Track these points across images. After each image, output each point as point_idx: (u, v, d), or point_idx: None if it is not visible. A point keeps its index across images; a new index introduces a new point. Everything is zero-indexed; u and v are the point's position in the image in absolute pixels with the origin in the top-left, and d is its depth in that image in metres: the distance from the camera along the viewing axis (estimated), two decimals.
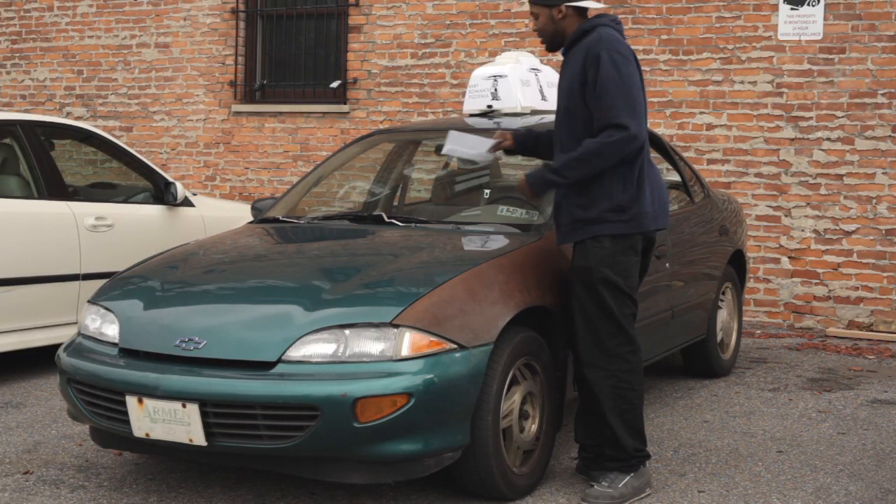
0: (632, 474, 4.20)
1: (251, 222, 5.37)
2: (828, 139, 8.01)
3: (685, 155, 6.24)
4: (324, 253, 4.89)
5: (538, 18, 4.32)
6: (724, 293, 6.42)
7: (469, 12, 9.18)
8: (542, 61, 6.13)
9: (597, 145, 4.08)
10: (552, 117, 5.63)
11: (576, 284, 4.20)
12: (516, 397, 4.10)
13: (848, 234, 7.96)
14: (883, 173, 7.86)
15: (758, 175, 8.22)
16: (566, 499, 4.18)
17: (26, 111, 10.67)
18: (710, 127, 8.34)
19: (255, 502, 4.11)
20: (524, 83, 5.62)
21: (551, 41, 4.34)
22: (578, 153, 4.11)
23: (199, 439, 3.76)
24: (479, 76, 5.70)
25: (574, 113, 4.20)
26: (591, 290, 4.15)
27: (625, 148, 4.06)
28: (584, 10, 4.29)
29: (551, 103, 5.76)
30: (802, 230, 8.09)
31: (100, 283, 5.15)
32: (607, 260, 4.13)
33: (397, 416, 3.65)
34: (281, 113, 10.01)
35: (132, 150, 7.16)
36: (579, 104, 4.17)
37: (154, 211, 6.90)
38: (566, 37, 4.28)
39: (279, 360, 3.75)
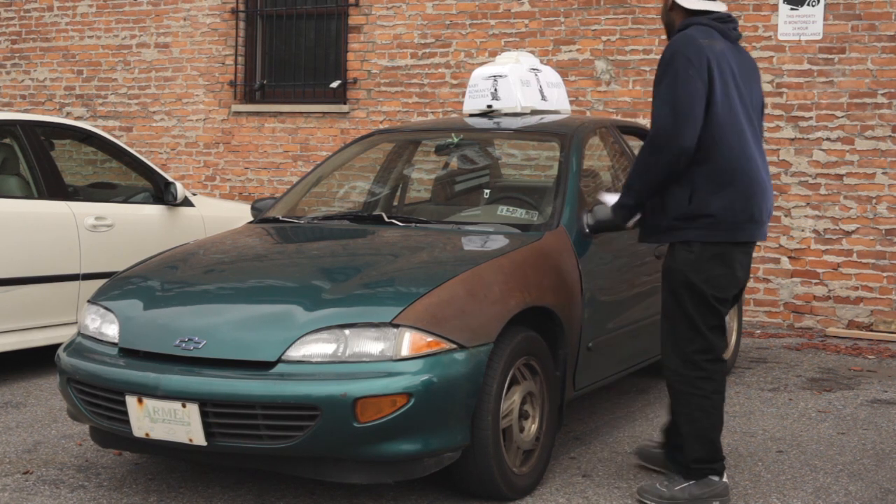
0: (693, 482, 4.06)
1: (251, 222, 5.37)
2: (828, 139, 8.01)
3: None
4: (324, 253, 4.89)
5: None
6: None
7: (469, 12, 9.18)
8: (541, 61, 6.13)
9: (640, 152, 4.02)
10: (552, 116, 5.69)
11: (663, 284, 4.15)
12: (516, 397, 4.10)
13: (848, 234, 7.96)
14: (883, 173, 7.86)
15: None
16: (566, 499, 4.18)
17: (26, 111, 10.67)
18: None
19: (255, 502, 4.11)
20: (524, 83, 5.62)
21: (667, 33, 4.26)
22: (633, 164, 4.10)
23: (199, 439, 3.76)
24: (479, 76, 5.70)
25: None
26: (672, 292, 4.06)
27: (662, 150, 3.91)
28: (686, 5, 4.17)
29: (551, 103, 5.77)
30: (802, 230, 8.09)
31: (100, 283, 5.15)
32: (692, 265, 3.98)
33: (397, 416, 3.65)
34: (281, 113, 10.01)
35: (132, 150, 7.16)
36: None
37: (154, 211, 6.90)
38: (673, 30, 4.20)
39: (279, 360, 3.75)
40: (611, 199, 4.37)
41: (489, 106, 5.63)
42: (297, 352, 3.76)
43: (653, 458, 4.51)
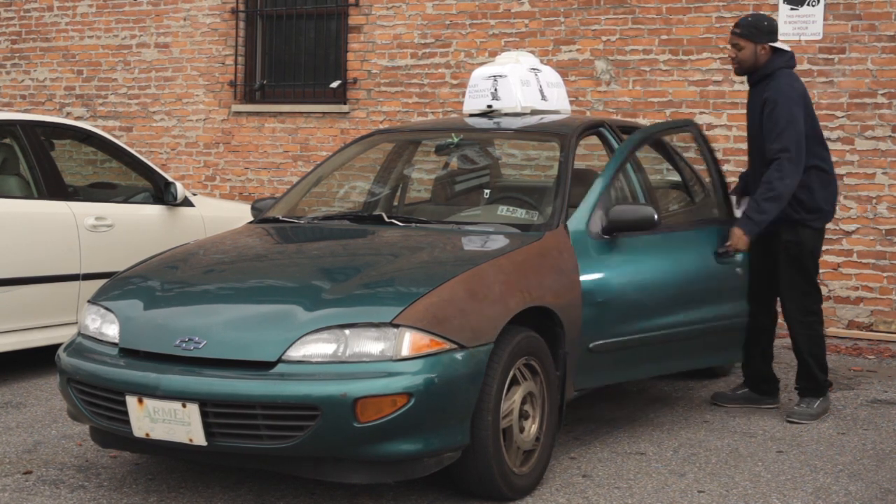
0: (822, 398, 5.46)
1: (251, 222, 5.37)
2: (828, 139, 7.98)
3: (685, 155, 6.24)
4: (324, 253, 4.89)
5: (742, 49, 5.36)
6: None
7: (469, 12, 9.18)
8: (541, 61, 6.13)
9: (772, 174, 5.26)
10: (552, 116, 5.70)
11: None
12: (516, 397, 4.10)
13: (848, 234, 7.96)
14: (883, 173, 7.86)
15: None
16: (566, 499, 4.18)
17: (26, 111, 10.67)
18: (710, 127, 8.34)
19: (255, 502, 4.11)
20: (524, 83, 5.62)
21: (747, 69, 5.42)
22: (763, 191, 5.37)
23: (199, 439, 3.76)
24: (479, 76, 5.70)
25: (757, 134, 5.39)
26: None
27: (787, 167, 5.19)
28: (777, 47, 5.38)
29: (551, 103, 5.77)
30: None
31: (100, 283, 5.15)
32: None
33: (397, 416, 3.65)
34: (281, 113, 10.01)
35: (132, 150, 7.15)
36: (760, 128, 5.35)
37: (154, 211, 6.90)
38: (759, 68, 5.37)
39: (279, 360, 3.75)
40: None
41: (489, 106, 5.63)
42: (298, 352, 3.76)
43: (734, 399, 5.71)
